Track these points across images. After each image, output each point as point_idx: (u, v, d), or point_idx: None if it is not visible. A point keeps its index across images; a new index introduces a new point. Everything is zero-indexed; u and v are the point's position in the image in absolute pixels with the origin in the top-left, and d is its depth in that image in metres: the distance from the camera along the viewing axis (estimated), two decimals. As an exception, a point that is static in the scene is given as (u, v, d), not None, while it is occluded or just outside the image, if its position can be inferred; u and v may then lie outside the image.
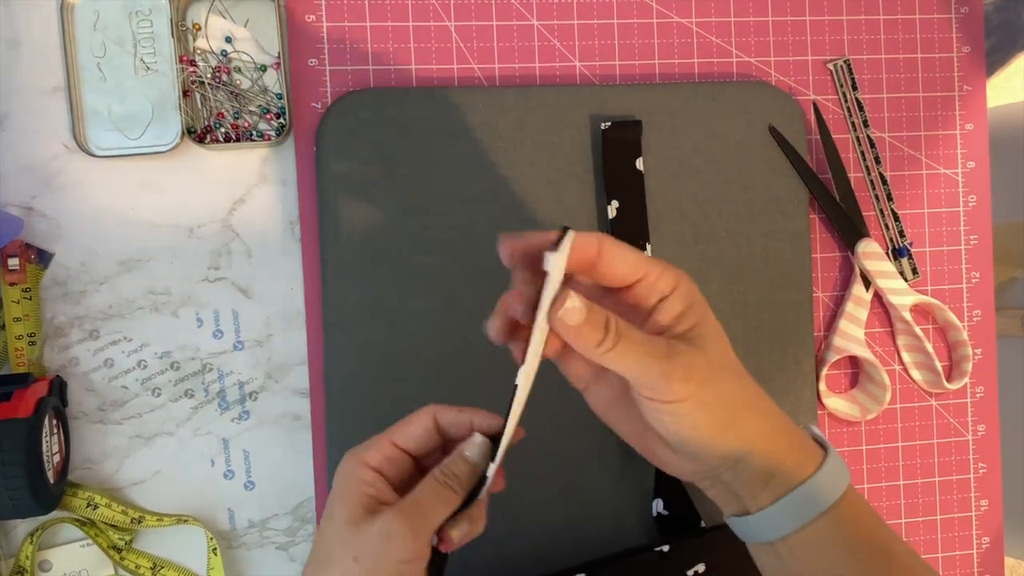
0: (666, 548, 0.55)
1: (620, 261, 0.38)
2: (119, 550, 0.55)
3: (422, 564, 0.39)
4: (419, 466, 0.43)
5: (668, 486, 0.58)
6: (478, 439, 0.40)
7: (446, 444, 0.42)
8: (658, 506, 0.59)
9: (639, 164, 0.59)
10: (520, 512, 0.58)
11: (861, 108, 0.64)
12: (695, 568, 0.55)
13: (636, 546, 0.58)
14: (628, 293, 0.39)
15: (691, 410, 0.37)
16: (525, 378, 0.37)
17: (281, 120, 0.57)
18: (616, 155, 0.58)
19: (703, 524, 0.59)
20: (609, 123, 0.58)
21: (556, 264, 0.36)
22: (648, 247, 0.59)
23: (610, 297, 0.40)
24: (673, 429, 0.38)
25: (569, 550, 0.58)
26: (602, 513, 0.59)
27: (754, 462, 0.39)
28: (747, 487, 0.39)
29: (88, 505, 0.54)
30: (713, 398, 0.37)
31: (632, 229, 0.58)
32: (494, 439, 0.40)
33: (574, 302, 0.36)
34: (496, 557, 0.57)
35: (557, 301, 0.36)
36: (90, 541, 0.55)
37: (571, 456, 0.58)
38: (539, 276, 0.37)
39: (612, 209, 0.58)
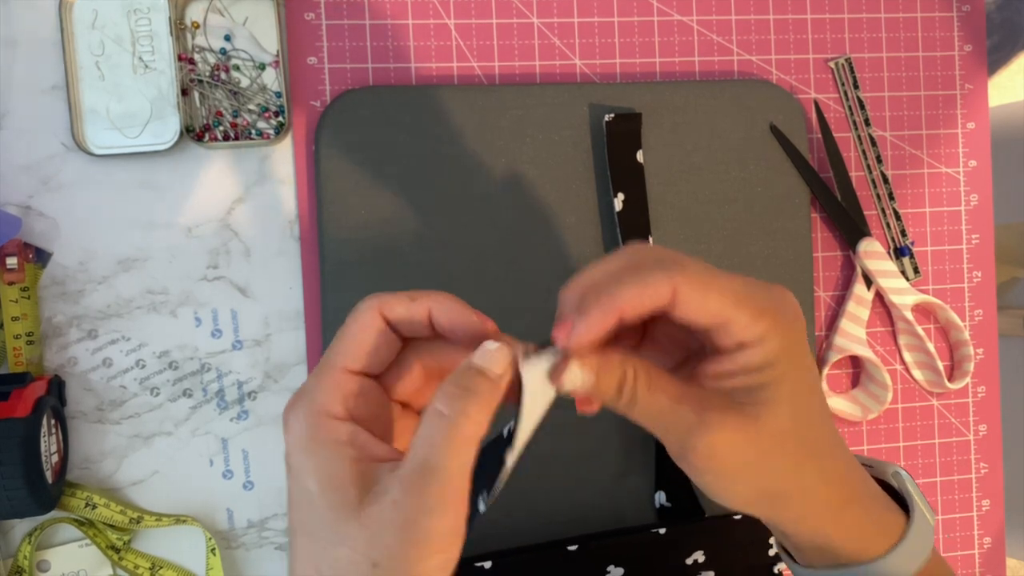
0: (663, 531, 0.55)
1: (700, 311, 0.31)
2: (117, 550, 0.55)
3: (461, 540, 0.28)
4: (386, 384, 0.33)
5: (671, 479, 0.58)
6: (491, 345, 0.31)
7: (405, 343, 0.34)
8: (660, 498, 0.59)
9: (639, 156, 0.58)
10: (522, 509, 0.57)
11: (862, 107, 0.64)
12: (694, 556, 0.55)
13: (632, 526, 0.57)
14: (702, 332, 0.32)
15: (717, 483, 0.33)
16: (514, 456, 0.31)
17: (280, 119, 0.57)
18: (619, 147, 0.58)
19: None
20: (613, 115, 0.58)
21: (532, 378, 0.31)
22: (651, 241, 0.58)
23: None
24: (701, 484, 0.33)
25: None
26: (604, 506, 0.58)
27: (801, 539, 0.35)
28: (795, 550, 0.36)
29: (86, 505, 0.53)
30: (748, 477, 0.32)
31: (637, 222, 0.58)
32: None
33: (575, 375, 0.31)
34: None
35: (555, 370, 0.31)
36: (88, 541, 0.54)
37: (573, 451, 0.58)
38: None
39: (619, 202, 0.58)
